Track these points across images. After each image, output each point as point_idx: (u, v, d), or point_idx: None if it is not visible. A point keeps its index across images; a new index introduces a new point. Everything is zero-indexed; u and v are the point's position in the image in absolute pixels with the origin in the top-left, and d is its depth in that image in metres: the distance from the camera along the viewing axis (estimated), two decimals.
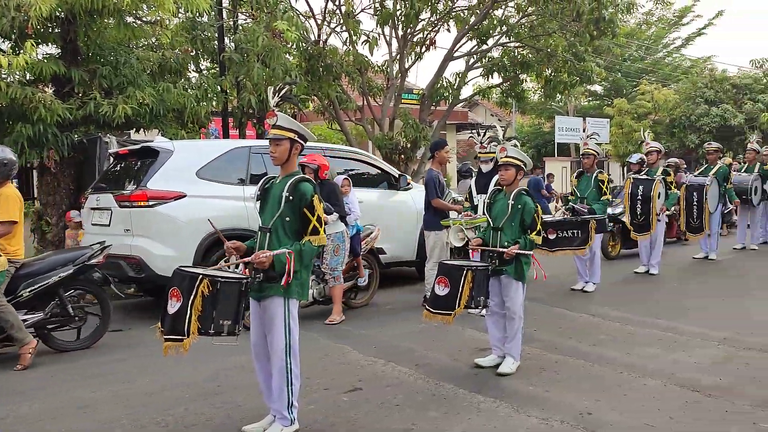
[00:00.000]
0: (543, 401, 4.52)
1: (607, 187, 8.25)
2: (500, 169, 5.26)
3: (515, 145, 5.41)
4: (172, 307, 3.64)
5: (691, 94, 25.13)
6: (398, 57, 13.21)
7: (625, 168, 11.62)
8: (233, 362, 5.29)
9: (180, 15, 10.67)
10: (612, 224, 9.60)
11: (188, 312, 3.60)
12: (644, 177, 9.11)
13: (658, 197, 8.90)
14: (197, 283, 3.62)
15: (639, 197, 8.87)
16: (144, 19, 9.51)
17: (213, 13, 10.43)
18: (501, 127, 7.22)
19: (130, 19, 9.09)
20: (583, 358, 5.49)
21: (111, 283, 6.30)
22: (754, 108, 23.75)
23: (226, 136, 11.01)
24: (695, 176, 10.97)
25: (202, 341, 3.77)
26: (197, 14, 10.58)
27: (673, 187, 9.41)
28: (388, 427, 4.14)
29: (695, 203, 10.12)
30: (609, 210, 8.71)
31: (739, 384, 4.84)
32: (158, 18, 8.92)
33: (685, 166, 15.62)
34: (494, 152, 6.48)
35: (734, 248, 11.56)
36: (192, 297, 3.60)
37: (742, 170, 11.82)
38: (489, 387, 4.82)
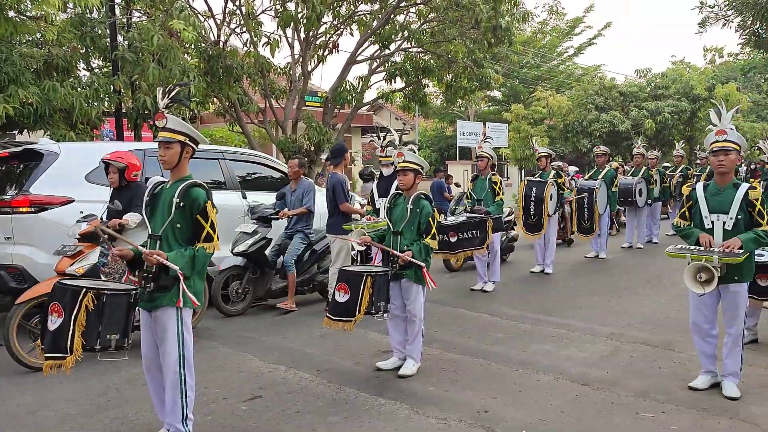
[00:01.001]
0: (442, 401, 4.60)
1: (500, 189, 8.54)
2: (398, 174, 5.32)
3: (412, 150, 5.48)
4: (53, 323, 3.43)
5: (582, 100, 26.41)
6: (301, 59, 13.11)
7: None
8: (124, 376, 5.06)
9: (68, 10, 10.13)
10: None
11: (71, 328, 3.40)
12: (537, 180, 9.54)
13: (550, 198, 9.32)
14: (80, 297, 3.43)
15: (532, 199, 9.30)
16: (28, 13, 8.94)
17: (104, 9, 9.96)
18: (397, 131, 7.32)
19: (12, 14, 8.52)
20: (481, 357, 5.63)
21: None
22: (639, 115, 25.24)
23: (120, 138, 10.54)
24: (585, 179, 11.54)
25: (89, 354, 3.57)
26: (87, 10, 10.07)
27: (565, 188, 9.88)
28: None
29: (586, 205, 10.66)
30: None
31: (624, 377, 5.11)
32: (43, 13, 8.41)
33: (576, 169, 16.38)
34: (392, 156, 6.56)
35: (622, 247, 12.24)
36: (75, 312, 3.40)
37: (630, 173, 12.55)
38: (390, 389, 4.85)
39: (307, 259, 7.77)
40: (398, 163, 5.31)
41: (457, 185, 15.12)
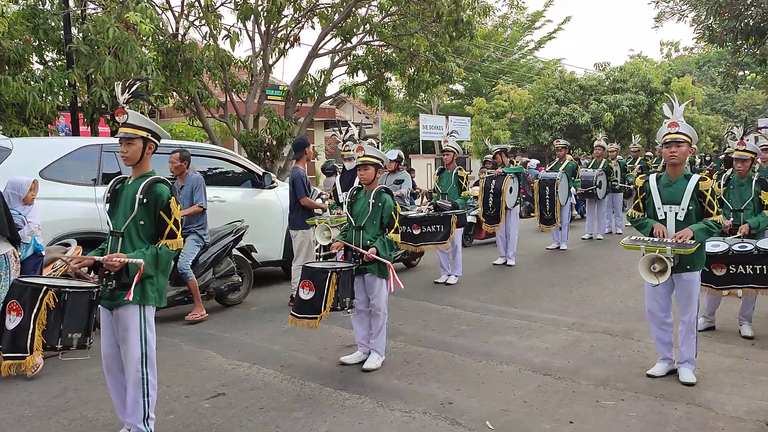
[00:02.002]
0: (406, 394, 4.63)
1: (466, 183, 8.62)
2: (359, 168, 5.32)
3: (372, 144, 5.49)
4: (12, 322, 3.33)
5: (543, 94, 26.78)
6: (262, 53, 12.98)
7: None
8: (82, 375, 4.96)
9: (20, 2, 9.85)
10: None
11: (31, 327, 3.31)
12: (497, 173, 9.70)
13: (509, 192, 9.47)
14: (41, 295, 3.34)
15: (491, 191, 9.46)
16: None
17: (57, 0, 9.69)
18: (357, 125, 7.29)
19: None
20: (445, 350, 5.68)
21: None
22: (598, 108, 25.71)
23: (76, 133, 10.30)
24: (546, 171, 11.70)
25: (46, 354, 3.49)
26: (39, 2, 9.80)
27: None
28: (252, 431, 4.06)
29: (548, 197, 10.82)
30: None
31: (584, 366, 5.21)
32: None
33: (538, 161, 16.59)
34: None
35: (582, 238, 12.45)
36: (35, 310, 3.32)
37: (590, 165, 12.77)
38: (354, 384, 4.86)
39: (202, 263, 7.11)
40: (358, 157, 5.31)
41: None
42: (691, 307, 4.75)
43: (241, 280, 7.57)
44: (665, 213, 4.75)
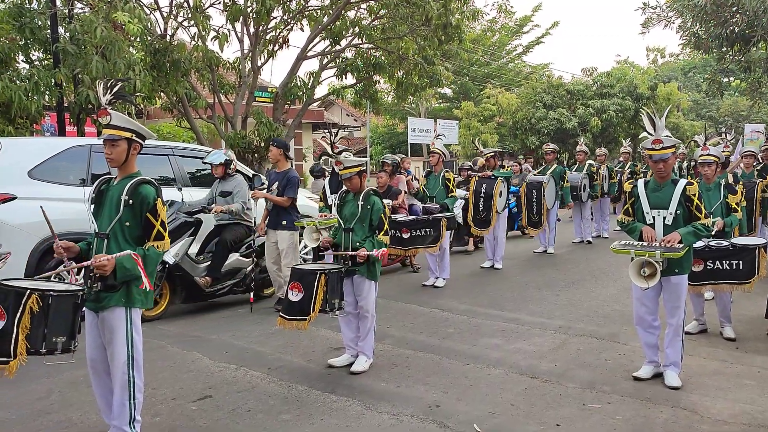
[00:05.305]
0: (394, 397, 4.63)
1: (453, 186, 8.64)
2: (344, 182, 5.33)
3: (348, 153, 5.51)
4: None
5: (531, 98, 26.86)
6: (250, 54, 12.94)
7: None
8: (66, 378, 4.90)
9: (6, 0, 9.76)
10: None
11: (14, 331, 3.27)
12: (487, 176, 9.68)
13: (500, 195, 9.47)
14: (24, 299, 3.29)
15: (482, 195, 9.44)
16: None
17: None
18: (330, 134, 7.28)
19: None
20: (432, 352, 5.68)
21: None
22: (585, 112, 25.84)
23: (62, 133, 10.21)
24: (534, 175, 11.76)
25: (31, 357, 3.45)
26: (26, 0, 9.71)
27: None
28: None
29: (534, 200, 10.86)
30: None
31: (571, 368, 5.24)
32: None
33: (519, 164, 16.65)
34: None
35: (573, 242, 12.52)
36: (18, 314, 3.28)
37: (573, 170, 12.84)
38: (342, 386, 4.85)
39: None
40: (340, 171, 5.32)
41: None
42: (679, 311, 4.79)
43: None
44: (653, 218, 4.80)
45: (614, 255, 5.01)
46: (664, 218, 4.76)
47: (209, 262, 7.21)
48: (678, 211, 4.73)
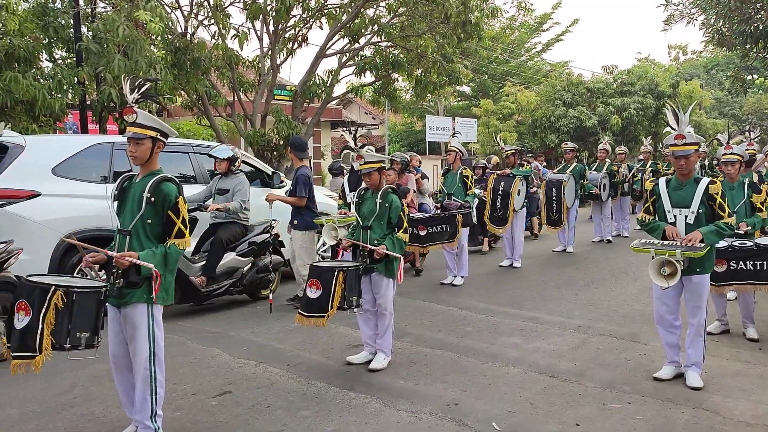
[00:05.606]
0: (413, 394, 4.63)
1: (471, 182, 8.62)
2: (363, 177, 5.33)
3: (370, 149, 5.51)
4: (20, 321, 3.35)
5: (550, 96, 26.66)
6: (270, 52, 13.00)
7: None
8: (89, 372, 4.98)
9: (29, 0, 9.91)
10: None
11: (39, 326, 3.33)
12: (506, 174, 9.64)
13: (518, 194, 9.43)
14: (49, 295, 3.35)
15: (500, 192, 9.41)
16: None
17: None
18: (349, 132, 7.32)
19: None
20: (451, 350, 5.68)
21: None
22: (605, 111, 25.60)
23: (84, 131, 10.34)
24: (554, 174, 11.70)
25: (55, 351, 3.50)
26: (49, 0, 9.85)
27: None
28: (259, 429, 4.07)
29: (554, 198, 10.80)
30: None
31: (590, 368, 5.20)
32: (4, 2, 8.21)
33: (545, 164, 16.56)
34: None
35: (593, 241, 12.43)
36: (44, 310, 3.33)
37: (594, 168, 12.74)
38: (360, 383, 4.86)
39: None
40: (360, 165, 5.33)
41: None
42: (701, 310, 4.74)
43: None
44: (675, 216, 4.75)
45: (634, 254, 4.96)
46: (686, 217, 4.71)
47: (204, 262, 7.12)
48: (700, 210, 4.67)
